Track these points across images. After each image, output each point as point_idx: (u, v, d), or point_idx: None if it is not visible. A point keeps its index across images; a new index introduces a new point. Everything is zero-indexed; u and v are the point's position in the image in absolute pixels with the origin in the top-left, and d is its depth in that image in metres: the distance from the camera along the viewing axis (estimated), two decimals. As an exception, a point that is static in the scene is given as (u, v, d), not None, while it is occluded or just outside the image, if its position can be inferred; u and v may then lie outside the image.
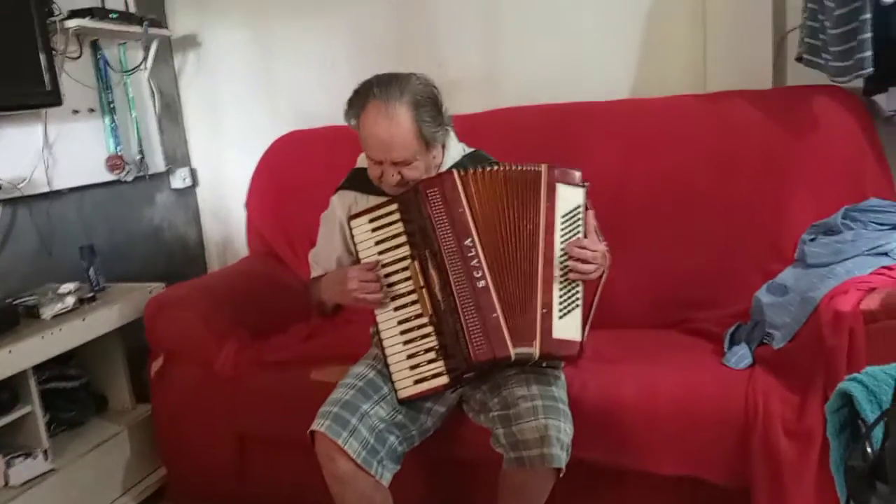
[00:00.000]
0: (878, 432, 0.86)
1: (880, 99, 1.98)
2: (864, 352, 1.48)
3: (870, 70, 1.78)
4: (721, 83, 2.17)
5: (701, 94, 2.19)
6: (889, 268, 1.66)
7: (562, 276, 1.53)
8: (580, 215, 1.57)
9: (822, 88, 2.02)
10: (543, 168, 1.57)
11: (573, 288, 1.54)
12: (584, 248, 1.53)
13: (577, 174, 1.58)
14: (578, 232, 1.56)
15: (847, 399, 0.97)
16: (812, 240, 1.86)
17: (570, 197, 1.57)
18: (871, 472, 0.75)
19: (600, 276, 1.58)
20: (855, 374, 0.97)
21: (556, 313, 1.51)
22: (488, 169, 1.58)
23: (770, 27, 2.11)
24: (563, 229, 1.55)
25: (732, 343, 1.80)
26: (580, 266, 1.53)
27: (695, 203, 2.07)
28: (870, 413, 0.91)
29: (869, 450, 0.78)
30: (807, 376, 1.56)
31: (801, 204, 1.98)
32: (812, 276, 1.72)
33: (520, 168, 1.58)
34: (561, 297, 1.53)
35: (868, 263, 1.68)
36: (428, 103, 1.55)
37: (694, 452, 1.60)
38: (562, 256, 1.53)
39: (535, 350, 1.50)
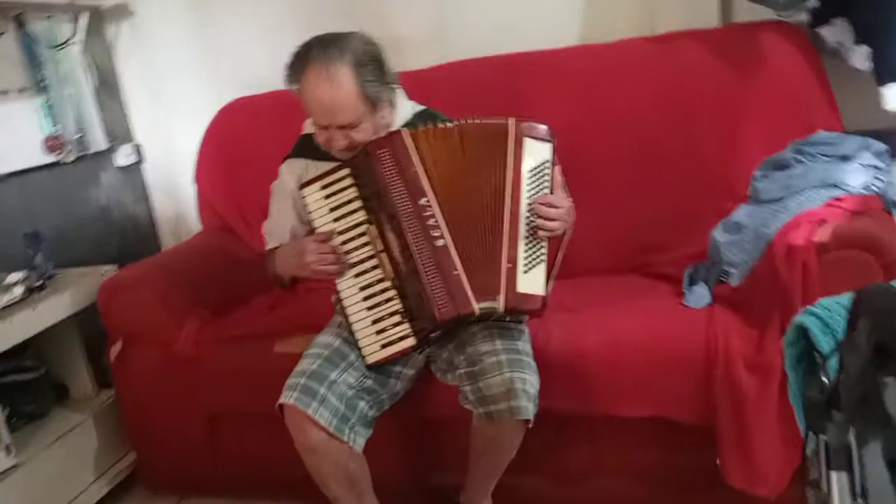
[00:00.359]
0: (833, 362, 0.87)
1: (825, 31, 1.98)
2: (817, 283, 1.51)
3: (815, 2, 1.78)
4: (669, 24, 2.16)
5: (650, 36, 2.17)
6: (839, 199, 1.68)
7: (527, 231, 1.52)
8: (547, 171, 1.56)
9: (769, 24, 2.02)
10: (511, 122, 1.54)
11: (538, 243, 1.54)
12: (550, 205, 1.52)
13: (545, 129, 1.57)
14: (545, 187, 1.55)
15: (802, 332, 0.98)
16: (764, 176, 1.88)
17: (537, 152, 1.55)
18: (828, 403, 0.77)
19: (564, 233, 1.57)
20: (809, 307, 0.98)
21: (520, 268, 1.51)
22: (441, 126, 1.55)
23: (715, -36, 2.10)
24: (529, 184, 1.53)
25: (691, 283, 1.83)
26: (546, 223, 1.52)
27: (649, 146, 2.07)
28: (825, 345, 0.92)
29: (825, 380, 0.80)
30: (764, 311, 1.60)
31: (752, 141, 2.00)
32: (765, 212, 1.74)
33: (483, 122, 1.55)
34: (526, 252, 1.52)
35: (818, 196, 1.70)
36: (370, 62, 1.50)
37: (659, 394, 1.63)
38: (528, 212, 1.52)
39: (500, 304, 1.49)
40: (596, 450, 1.78)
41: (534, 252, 1.53)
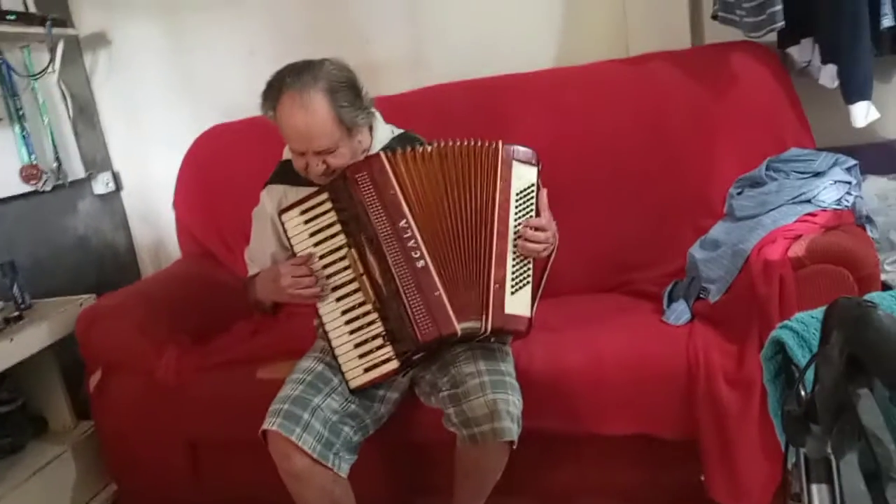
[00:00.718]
0: (810, 376, 0.88)
1: (793, 51, 2.04)
2: (794, 298, 1.53)
3: (781, 23, 1.82)
4: (642, 46, 2.20)
5: (624, 58, 2.21)
6: (812, 214, 1.71)
7: (514, 253, 1.53)
8: (533, 194, 1.58)
9: (739, 44, 2.07)
10: (499, 145, 1.56)
11: (525, 265, 1.55)
12: (538, 228, 1.54)
13: (532, 152, 1.59)
14: (531, 210, 1.57)
15: (780, 346, 0.99)
16: (739, 193, 1.91)
17: (524, 175, 1.57)
18: (806, 416, 0.77)
19: (549, 255, 1.59)
20: (786, 322, 1.00)
21: (507, 289, 1.52)
22: (420, 149, 1.56)
23: (684, -14, 2.15)
24: (517, 207, 1.55)
25: (671, 301, 1.84)
26: (532, 246, 1.53)
27: (626, 166, 2.10)
28: (801, 358, 0.94)
29: (803, 393, 0.81)
30: (743, 326, 1.62)
31: (726, 159, 2.03)
32: (741, 229, 1.77)
33: (470, 144, 1.56)
34: (513, 273, 1.53)
35: (793, 212, 1.73)
36: (344, 87, 1.51)
37: (642, 410, 1.64)
38: (515, 234, 1.54)
39: (487, 324, 1.50)
40: (581, 469, 1.78)
41: (520, 273, 1.54)
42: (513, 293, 1.52)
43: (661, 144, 2.09)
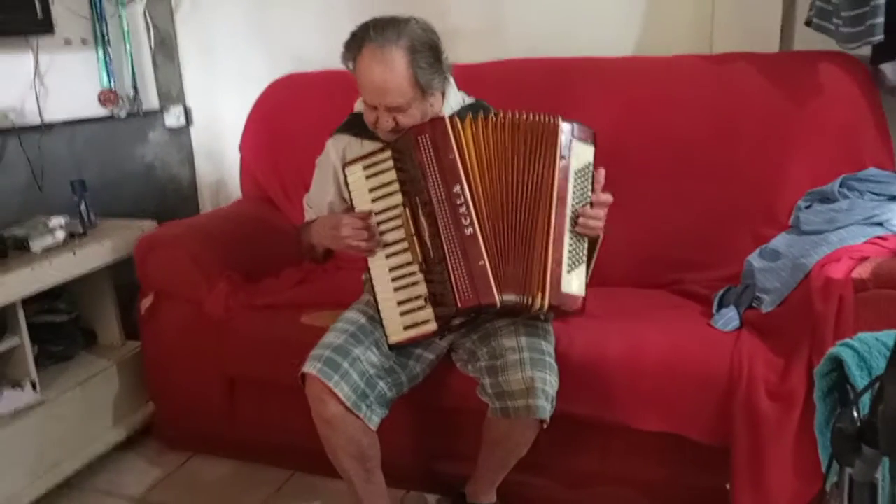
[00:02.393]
0: (867, 397, 0.87)
1: (887, 68, 1.96)
2: (851, 319, 1.50)
3: (880, 37, 1.76)
4: (727, 44, 2.14)
5: (706, 54, 2.16)
6: (883, 238, 1.67)
7: (571, 231, 1.53)
8: (590, 173, 1.57)
9: (829, 55, 2.00)
10: (559, 121, 1.55)
11: (580, 244, 1.55)
12: (598, 204, 1.54)
13: (591, 131, 1.58)
14: (588, 189, 1.56)
15: (836, 364, 0.98)
16: (808, 206, 1.86)
17: (582, 154, 1.56)
18: (859, 436, 0.76)
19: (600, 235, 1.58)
20: (847, 340, 0.98)
21: (564, 267, 1.52)
22: (491, 117, 1.56)
23: (780, -12, 2.08)
24: (575, 185, 1.54)
25: (721, 306, 1.82)
26: (591, 223, 1.53)
27: (692, 164, 2.06)
28: (859, 378, 0.92)
29: (856, 414, 0.79)
30: (793, 341, 1.58)
31: (798, 170, 1.98)
32: (805, 243, 1.73)
33: (533, 119, 1.55)
34: (570, 252, 1.53)
35: (862, 233, 1.68)
36: (426, 49, 1.52)
37: (677, 410, 1.63)
38: (573, 213, 1.53)
39: (544, 301, 1.49)
40: (606, 458, 1.78)
41: (576, 253, 1.54)
42: (569, 272, 1.52)
43: (732, 146, 2.04)
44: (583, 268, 1.55)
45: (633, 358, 1.66)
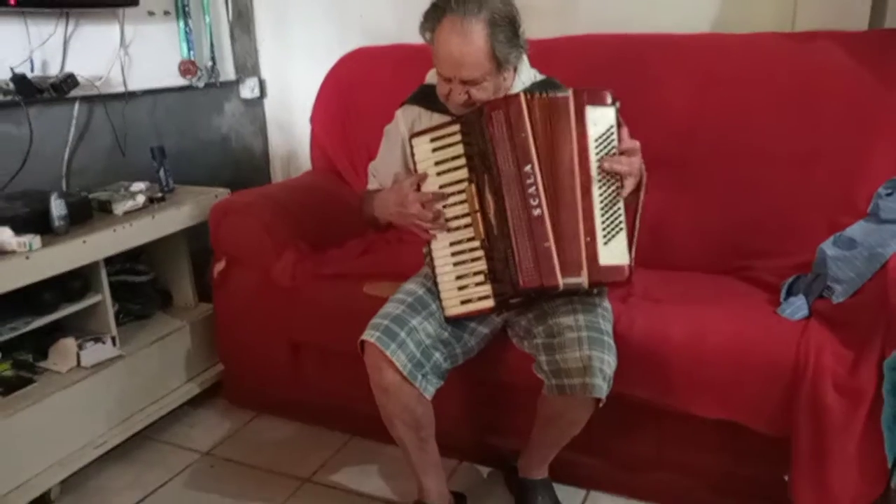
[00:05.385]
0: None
1: None
2: (929, 313, 1.43)
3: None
4: (811, 21, 2.05)
5: (787, 32, 2.07)
6: (969, 230, 1.57)
7: (602, 200, 1.50)
8: (613, 135, 1.52)
9: (924, 33, 1.89)
10: (570, 93, 1.52)
11: (615, 212, 1.51)
12: (626, 152, 1.50)
13: (607, 94, 1.53)
14: (614, 152, 1.52)
15: (906, 356, 0.94)
16: (889, 194, 1.77)
17: (601, 119, 1.52)
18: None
19: (638, 192, 1.54)
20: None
21: (599, 240, 1.49)
22: (539, 95, 1.54)
23: (873, -38, 1.97)
24: (598, 152, 1.51)
25: (790, 294, 1.76)
26: (614, 167, 1.49)
27: (768, 148, 1.99)
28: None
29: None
30: (865, 333, 1.52)
31: (882, 157, 1.88)
32: (884, 232, 1.65)
33: (551, 95, 1.52)
34: (604, 222, 1.50)
35: (947, 223, 1.60)
36: (505, 23, 1.50)
37: (738, 398, 1.60)
38: (600, 180, 1.50)
39: (584, 279, 1.49)
40: (662, 443, 1.77)
41: (611, 221, 1.51)
42: (606, 243, 1.50)
43: (811, 130, 1.96)
44: (623, 234, 1.51)
45: (695, 343, 1.63)
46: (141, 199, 2.12)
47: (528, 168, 1.51)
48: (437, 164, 1.59)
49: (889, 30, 2.01)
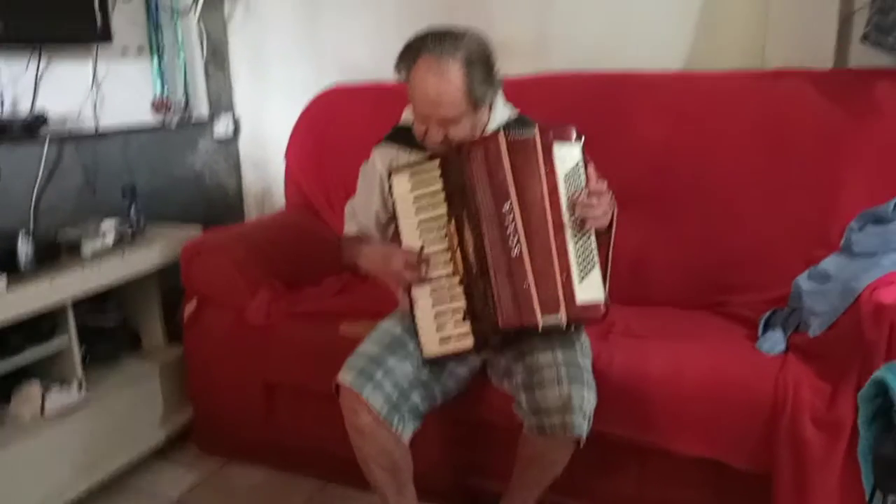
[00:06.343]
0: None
1: (948, 87, 1.89)
2: (904, 346, 1.43)
3: (940, 54, 1.69)
4: (780, 60, 2.09)
5: (758, 70, 2.12)
6: (940, 262, 1.59)
7: (574, 237, 1.50)
8: (581, 171, 1.53)
9: (886, 72, 1.94)
10: (535, 131, 1.52)
11: (587, 247, 1.52)
12: (592, 194, 1.50)
13: (572, 130, 1.54)
14: (582, 188, 1.52)
15: (881, 388, 0.94)
16: (860, 228, 1.79)
17: (567, 156, 1.52)
18: (902, 465, 0.73)
19: (610, 226, 1.55)
20: (891, 363, 0.94)
21: (575, 277, 1.49)
22: (520, 135, 1.54)
23: (836, 3, 2.02)
24: (567, 190, 1.51)
25: (767, 328, 1.77)
26: (585, 211, 1.49)
27: (742, 183, 2.02)
28: (906, 406, 0.88)
29: (902, 442, 0.76)
30: (841, 367, 1.53)
31: (852, 191, 1.92)
32: (856, 266, 1.67)
33: (518, 135, 1.53)
34: (578, 259, 1.50)
35: (917, 256, 1.62)
36: (480, 62, 1.51)
37: (718, 435, 1.59)
38: (570, 217, 1.50)
39: (562, 317, 1.48)
40: (644, 481, 1.74)
41: (585, 258, 1.51)
42: (581, 280, 1.49)
43: (783, 166, 1.99)
44: (596, 270, 1.51)
45: (675, 379, 1.63)
46: (110, 238, 2.08)
47: (506, 207, 1.51)
48: (416, 199, 1.58)
49: (854, 69, 2.07)
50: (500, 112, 1.67)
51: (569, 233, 1.50)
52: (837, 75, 2.04)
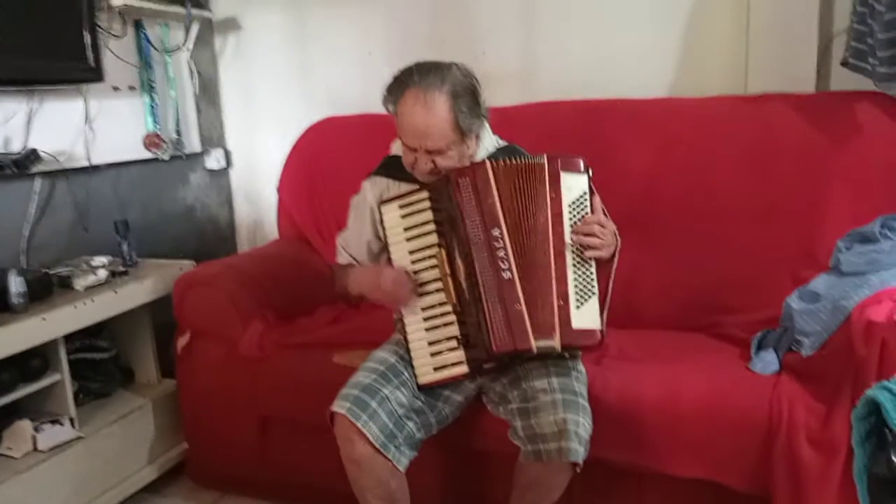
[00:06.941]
0: (905, 442, 0.84)
1: (926, 108, 1.93)
2: (895, 363, 1.44)
3: (917, 76, 1.73)
4: (762, 85, 2.14)
5: (741, 95, 2.16)
6: (926, 280, 1.61)
7: (575, 265, 1.52)
8: (586, 201, 1.57)
9: (867, 95, 1.98)
10: (545, 159, 1.56)
11: (587, 277, 1.54)
12: (590, 223, 1.53)
13: (580, 161, 1.58)
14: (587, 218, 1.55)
15: (875, 407, 0.95)
16: (847, 248, 1.82)
17: (574, 185, 1.56)
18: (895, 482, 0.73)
19: (612, 259, 1.57)
20: (884, 382, 0.95)
21: (573, 304, 1.51)
22: (509, 161, 1.58)
23: (816, 29, 2.07)
24: (571, 218, 1.54)
25: (760, 349, 1.77)
26: (584, 240, 1.52)
27: (729, 206, 2.05)
28: (898, 422, 0.89)
29: (894, 458, 0.77)
30: (834, 385, 1.54)
31: (838, 211, 1.94)
32: (845, 285, 1.68)
33: (527, 160, 1.57)
34: (576, 286, 1.52)
35: (904, 274, 1.64)
36: (466, 94, 1.55)
37: (715, 457, 1.58)
38: (572, 246, 1.53)
39: (557, 342, 1.49)
40: (641, 505, 1.73)
41: (584, 286, 1.53)
42: (578, 307, 1.51)
43: (769, 188, 2.02)
44: (595, 299, 1.53)
45: (670, 402, 1.63)
46: (103, 273, 2.08)
47: (496, 232, 1.53)
48: (406, 229, 1.60)
49: (834, 92, 2.11)
50: (488, 141, 1.70)
51: (569, 259, 1.52)
52: (819, 98, 2.08)
